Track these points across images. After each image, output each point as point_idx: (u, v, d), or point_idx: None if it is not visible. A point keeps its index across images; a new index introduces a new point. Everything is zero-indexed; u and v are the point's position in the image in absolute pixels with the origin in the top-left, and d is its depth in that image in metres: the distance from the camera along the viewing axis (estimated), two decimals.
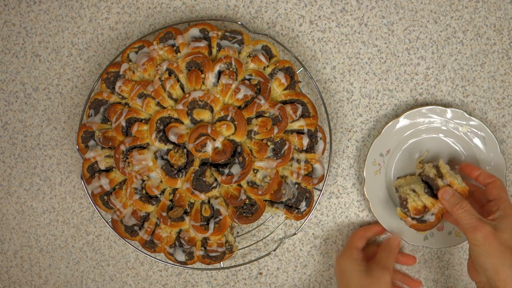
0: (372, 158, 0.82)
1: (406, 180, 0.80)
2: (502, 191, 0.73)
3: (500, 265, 0.66)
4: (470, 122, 0.81)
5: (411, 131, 0.82)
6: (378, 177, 0.83)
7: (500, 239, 0.66)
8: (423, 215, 0.74)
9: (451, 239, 0.83)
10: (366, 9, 0.84)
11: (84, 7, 0.85)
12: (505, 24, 0.84)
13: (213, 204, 0.77)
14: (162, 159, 0.76)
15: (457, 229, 0.82)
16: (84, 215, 0.87)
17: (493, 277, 0.66)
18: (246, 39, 0.78)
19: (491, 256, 0.66)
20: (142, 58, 0.77)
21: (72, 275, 0.88)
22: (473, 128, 0.81)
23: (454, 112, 0.81)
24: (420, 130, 0.82)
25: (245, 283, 0.87)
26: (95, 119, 0.78)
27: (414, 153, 0.83)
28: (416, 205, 0.73)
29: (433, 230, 0.82)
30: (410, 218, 0.74)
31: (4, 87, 0.86)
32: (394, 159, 0.83)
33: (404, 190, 0.76)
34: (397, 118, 0.81)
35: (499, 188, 0.73)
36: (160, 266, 0.88)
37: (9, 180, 0.87)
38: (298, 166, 0.78)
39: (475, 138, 0.82)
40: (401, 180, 0.80)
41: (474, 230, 0.67)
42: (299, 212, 0.79)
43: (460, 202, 0.70)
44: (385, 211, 0.82)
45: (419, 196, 0.74)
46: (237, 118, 0.74)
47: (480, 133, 0.81)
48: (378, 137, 0.81)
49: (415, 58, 0.84)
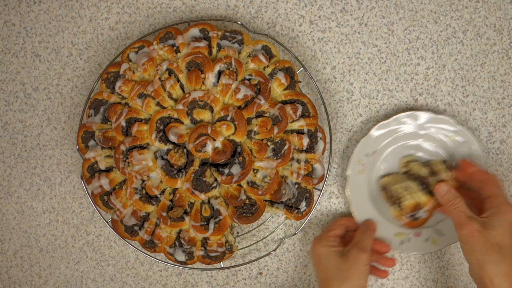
0: (357, 158, 0.82)
1: (393, 178, 0.79)
2: (496, 187, 0.73)
3: (485, 262, 0.66)
4: (458, 132, 0.81)
5: (397, 134, 0.82)
6: (361, 177, 0.82)
7: (487, 236, 0.67)
8: (416, 213, 0.76)
9: (427, 246, 0.82)
10: (366, 9, 0.84)
11: (84, 7, 0.85)
12: (505, 24, 0.84)
13: (213, 204, 0.77)
14: (162, 159, 0.76)
15: (434, 236, 0.82)
16: (84, 215, 0.87)
17: (480, 273, 0.67)
18: (246, 39, 0.78)
19: (476, 252, 0.67)
20: (142, 58, 0.77)
21: (72, 275, 0.88)
22: (460, 137, 0.81)
23: (444, 120, 0.81)
24: (406, 134, 0.82)
25: (245, 283, 0.87)
26: (95, 119, 0.78)
27: (399, 154, 0.82)
28: (411, 202, 0.75)
29: (411, 235, 0.82)
30: (406, 217, 0.76)
31: (4, 87, 0.86)
32: (378, 160, 0.83)
33: (396, 189, 0.77)
34: (386, 120, 0.81)
35: (493, 184, 0.73)
36: (160, 266, 0.88)
37: (9, 180, 0.88)
38: (298, 166, 0.78)
39: (462, 148, 0.81)
40: (387, 178, 0.80)
41: (461, 227, 0.69)
42: (299, 212, 0.79)
43: (454, 199, 0.72)
44: (366, 211, 0.82)
45: (412, 194, 0.75)
46: (237, 118, 0.74)
47: (467, 144, 0.81)
48: (364, 137, 0.81)
49: (415, 58, 0.84)
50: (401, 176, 0.79)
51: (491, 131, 0.85)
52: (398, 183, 0.77)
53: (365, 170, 0.82)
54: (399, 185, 0.76)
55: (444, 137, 0.81)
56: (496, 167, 0.85)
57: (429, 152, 0.82)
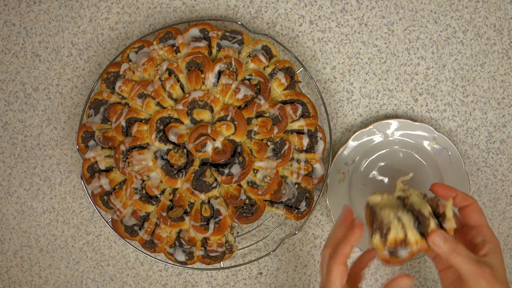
0: (337, 166, 0.82)
1: (385, 200, 0.67)
2: (482, 215, 0.66)
3: None
4: (437, 138, 0.81)
5: (373, 143, 0.82)
6: (341, 186, 0.82)
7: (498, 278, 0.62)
8: (398, 250, 0.62)
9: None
10: (366, 9, 0.84)
11: (84, 7, 0.85)
12: (505, 24, 0.84)
13: (213, 204, 0.77)
14: (162, 159, 0.76)
15: None
16: (84, 215, 0.87)
17: None
18: (246, 39, 0.78)
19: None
20: (142, 58, 0.77)
21: (72, 275, 0.88)
22: (439, 144, 0.81)
23: (423, 127, 0.81)
24: (388, 142, 0.82)
25: (245, 283, 0.87)
26: (95, 119, 0.78)
27: (380, 163, 0.82)
28: (398, 237, 0.62)
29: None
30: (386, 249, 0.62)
31: (4, 87, 0.86)
32: (359, 169, 0.83)
33: (386, 215, 0.63)
34: (366, 128, 0.81)
35: (479, 212, 0.66)
36: (160, 266, 0.88)
37: (9, 180, 0.87)
38: (298, 166, 0.78)
39: (441, 155, 0.82)
40: (377, 197, 0.67)
41: (478, 278, 0.61)
42: (299, 212, 0.79)
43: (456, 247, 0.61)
44: None
45: (404, 228, 0.62)
46: (237, 118, 0.74)
47: (446, 150, 0.81)
48: (343, 146, 0.81)
49: (415, 58, 0.84)
50: (395, 200, 0.67)
51: (491, 131, 0.85)
52: (389, 208, 0.64)
53: (346, 179, 0.82)
54: (391, 212, 0.63)
55: (424, 144, 0.82)
56: (496, 167, 0.85)
57: (410, 162, 0.82)
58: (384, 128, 0.82)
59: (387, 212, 0.63)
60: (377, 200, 0.67)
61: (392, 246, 0.62)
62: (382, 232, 0.62)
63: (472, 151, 0.85)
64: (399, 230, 0.62)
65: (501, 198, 0.86)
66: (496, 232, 0.86)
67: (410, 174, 0.69)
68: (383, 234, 0.62)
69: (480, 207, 0.66)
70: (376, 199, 0.67)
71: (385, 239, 0.62)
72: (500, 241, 0.86)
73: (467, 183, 0.81)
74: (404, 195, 0.67)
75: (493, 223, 0.86)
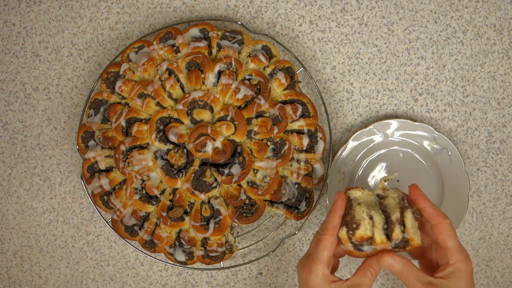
0: (337, 167, 0.82)
1: (364, 196, 0.67)
2: (451, 237, 0.63)
3: None
4: (437, 138, 0.81)
5: (373, 144, 0.82)
6: (341, 186, 0.82)
7: None
8: (363, 245, 0.65)
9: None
10: (366, 9, 0.84)
11: (84, 7, 0.85)
12: (505, 24, 0.84)
13: (213, 204, 0.77)
14: (162, 159, 0.76)
15: None
16: (84, 215, 0.87)
17: None
18: (246, 39, 0.78)
19: None
20: (142, 58, 0.77)
21: (72, 275, 0.88)
22: (439, 144, 0.81)
23: (423, 127, 0.81)
24: (387, 142, 0.82)
25: (245, 283, 0.87)
26: (95, 119, 0.78)
27: (380, 163, 0.82)
28: (366, 234, 0.64)
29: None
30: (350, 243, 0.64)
31: (4, 87, 0.86)
32: (359, 169, 0.83)
33: (359, 211, 0.65)
34: (366, 128, 0.81)
35: (446, 233, 0.63)
36: (160, 266, 0.88)
37: (9, 180, 0.87)
38: (298, 166, 0.78)
39: (441, 155, 0.82)
40: (357, 192, 0.67)
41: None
42: (299, 212, 0.79)
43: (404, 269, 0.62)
44: None
45: (373, 227, 0.64)
46: (237, 118, 0.74)
47: (446, 150, 0.81)
48: (343, 146, 0.81)
49: (415, 58, 0.84)
50: (373, 198, 0.68)
51: (491, 131, 0.85)
52: (365, 205, 0.66)
53: (346, 179, 0.82)
54: (365, 209, 0.65)
55: (424, 144, 0.82)
56: (496, 167, 0.85)
57: (410, 162, 0.82)
58: (384, 128, 0.82)
59: (361, 209, 0.65)
60: (357, 195, 0.67)
61: (358, 241, 0.64)
62: (351, 226, 0.64)
63: (472, 151, 0.85)
64: (368, 228, 0.64)
65: (501, 198, 0.86)
66: (496, 232, 0.86)
67: (394, 174, 0.69)
68: (352, 228, 0.64)
69: (452, 227, 0.63)
70: (356, 193, 0.68)
71: (353, 234, 0.64)
72: (500, 241, 0.86)
73: (467, 183, 0.81)
74: (383, 194, 0.67)
75: (493, 223, 0.86)
